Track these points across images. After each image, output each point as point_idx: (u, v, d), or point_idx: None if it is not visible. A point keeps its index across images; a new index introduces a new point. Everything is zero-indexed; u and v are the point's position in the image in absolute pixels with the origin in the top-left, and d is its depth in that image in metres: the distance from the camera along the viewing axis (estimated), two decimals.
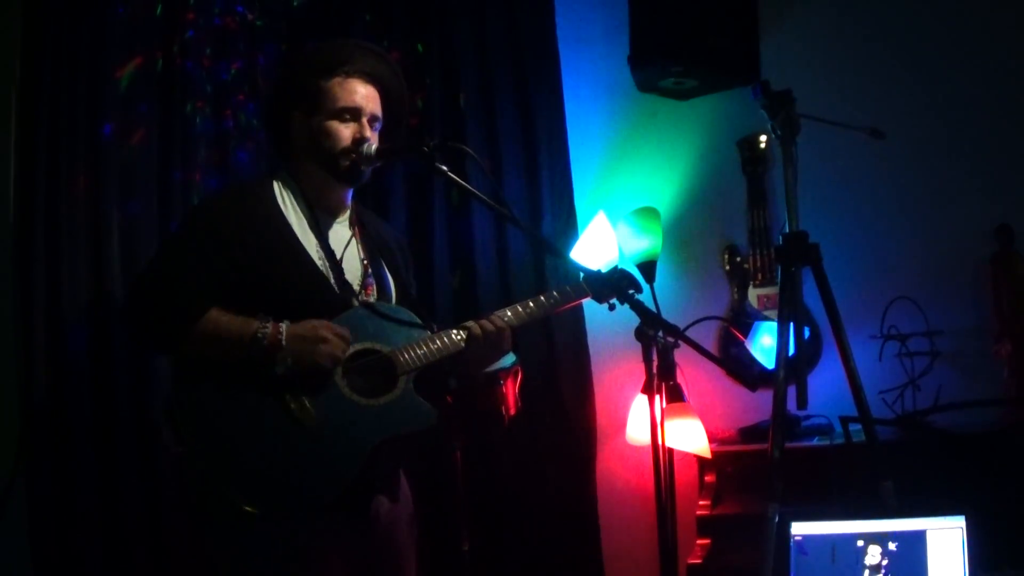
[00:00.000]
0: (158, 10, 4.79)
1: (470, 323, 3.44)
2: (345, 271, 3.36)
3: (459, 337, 3.38)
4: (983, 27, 4.73)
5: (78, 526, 4.29)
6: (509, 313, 3.48)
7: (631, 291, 3.48)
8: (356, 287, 3.36)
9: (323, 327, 3.14)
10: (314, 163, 3.39)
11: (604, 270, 3.62)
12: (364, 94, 3.42)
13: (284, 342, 3.09)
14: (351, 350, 3.21)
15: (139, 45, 4.70)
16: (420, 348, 3.30)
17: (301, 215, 3.35)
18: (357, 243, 3.46)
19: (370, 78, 3.45)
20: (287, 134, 3.46)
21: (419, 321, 3.42)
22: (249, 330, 3.09)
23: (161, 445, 3.15)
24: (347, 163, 3.36)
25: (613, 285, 3.46)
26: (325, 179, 3.40)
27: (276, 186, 3.39)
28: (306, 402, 3.11)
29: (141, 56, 4.71)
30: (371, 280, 3.43)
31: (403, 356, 3.27)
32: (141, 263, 4.49)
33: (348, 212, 3.51)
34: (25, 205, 4.37)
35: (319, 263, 3.29)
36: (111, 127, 4.56)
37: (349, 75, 3.41)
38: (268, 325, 3.09)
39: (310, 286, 3.26)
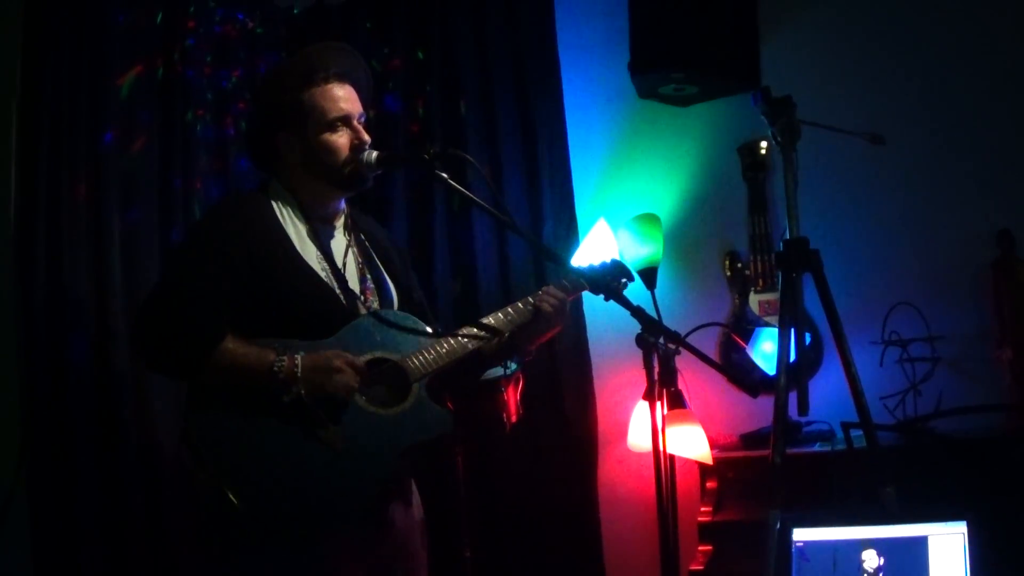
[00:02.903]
0: (158, 18, 4.78)
1: (531, 299, 3.49)
2: (347, 279, 3.35)
3: (465, 338, 3.37)
4: (983, 32, 4.73)
5: (80, 533, 4.28)
6: (511, 311, 3.49)
7: (623, 280, 3.58)
8: (357, 294, 3.35)
9: (336, 357, 3.11)
10: (312, 176, 3.36)
11: (598, 264, 3.64)
12: (345, 97, 3.38)
13: (299, 374, 3.06)
14: (361, 361, 3.18)
15: (140, 53, 4.70)
16: (429, 353, 3.28)
17: (299, 226, 3.33)
18: (354, 249, 3.45)
19: (342, 78, 3.41)
20: (274, 151, 3.41)
21: (424, 326, 3.41)
22: (265, 362, 3.06)
23: (182, 470, 3.11)
24: (350, 171, 3.34)
25: (605, 277, 3.50)
26: (323, 189, 3.38)
27: (271, 200, 3.36)
28: (326, 419, 3.08)
29: (142, 64, 4.70)
30: (370, 286, 3.42)
31: (413, 363, 3.26)
32: (142, 270, 4.49)
33: (344, 218, 3.49)
34: (26, 212, 4.36)
35: (322, 274, 3.28)
36: (112, 135, 4.55)
37: (327, 81, 3.37)
38: (284, 358, 3.06)
39: (315, 297, 3.24)
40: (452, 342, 3.35)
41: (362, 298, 3.36)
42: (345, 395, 3.11)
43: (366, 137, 3.38)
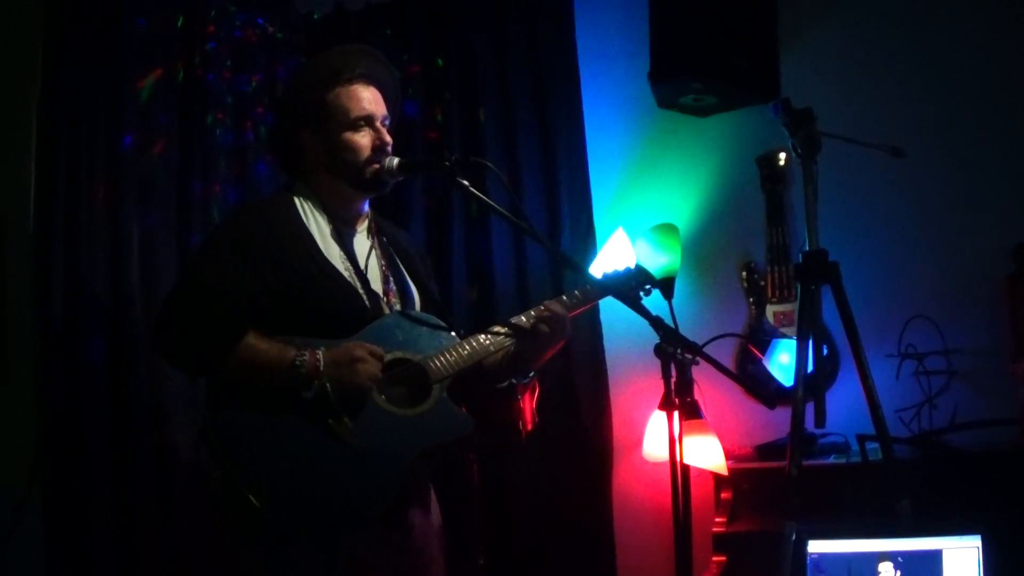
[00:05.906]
0: (179, 22, 4.80)
1: (525, 316, 3.47)
2: (369, 280, 3.36)
3: (488, 340, 3.38)
4: (1001, 46, 4.73)
5: (94, 536, 4.28)
6: (533, 313, 3.48)
7: (646, 286, 3.62)
8: (380, 295, 3.37)
9: (357, 347, 3.11)
10: (334, 176, 3.40)
11: (621, 270, 3.66)
12: (370, 98, 3.43)
13: (322, 368, 3.05)
14: (383, 352, 3.19)
15: (160, 57, 4.71)
16: (451, 355, 3.29)
17: (323, 227, 3.36)
18: (377, 252, 3.47)
19: (368, 79, 3.46)
20: (298, 151, 3.45)
21: (446, 327, 3.42)
22: (287, 358, 3.05)
23: (198, 467, 3.09)
24: (371, 172, 3.37)
25: (628, 283, 3.59)
26: (345, 190, 3.41)
27: (296, 200, 3.39)
28: (345, 418, 3.07)
29: (161, 68, 4.71)
30: (392, 287, 3.44)
31: (434, 364, 3.26)
32: (160, 275, 4.49)
33: (367, 222, 3.52)
34: (45, 215, 4.35)
35: (345, 274, 3.30)
36: (131, 138, 4.55)
37: (351, 82, 3.42)
38: (306, 353, 3.06)
39: (338, 297, 3.26)
40: (474, 344, 3.36)
41: (385, 299, 3.38)
42: (369, 384, 3.09)
43: (388, 139, 3.41)
